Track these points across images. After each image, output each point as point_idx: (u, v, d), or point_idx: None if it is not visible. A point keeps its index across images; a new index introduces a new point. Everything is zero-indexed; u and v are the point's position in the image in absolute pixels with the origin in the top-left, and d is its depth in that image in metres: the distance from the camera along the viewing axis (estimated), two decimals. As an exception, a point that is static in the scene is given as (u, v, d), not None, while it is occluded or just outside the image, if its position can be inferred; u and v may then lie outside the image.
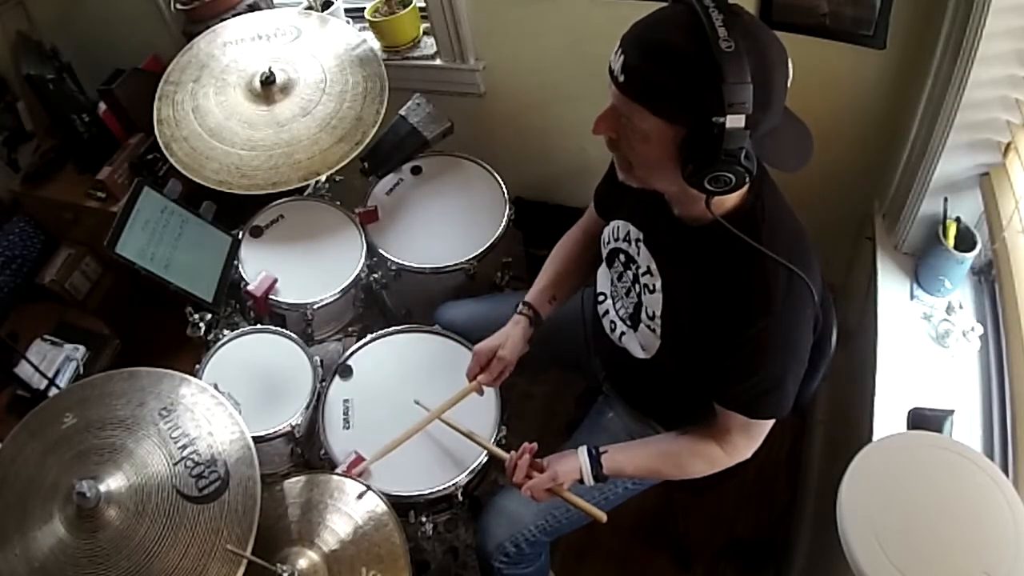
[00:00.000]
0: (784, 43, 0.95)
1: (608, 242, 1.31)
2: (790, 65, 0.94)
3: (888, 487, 1.06)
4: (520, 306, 1.43)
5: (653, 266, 1.18)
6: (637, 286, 1.23)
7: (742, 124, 0.87)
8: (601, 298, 1.35)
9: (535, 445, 1.28)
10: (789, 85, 0.95)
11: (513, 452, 1.28)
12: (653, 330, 1.20)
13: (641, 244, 1.21)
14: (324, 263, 1.77)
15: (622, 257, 1.27)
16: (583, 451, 1.24)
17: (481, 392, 1.44)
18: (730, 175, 0.92)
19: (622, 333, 1.29)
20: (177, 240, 1.64)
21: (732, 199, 1.05)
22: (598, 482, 1.24)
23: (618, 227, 1.27)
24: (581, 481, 1.24)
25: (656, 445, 1.29)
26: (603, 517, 1.25)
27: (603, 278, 1.35)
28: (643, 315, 1.22)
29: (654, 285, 1.18)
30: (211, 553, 1.14)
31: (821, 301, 1.10)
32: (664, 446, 1.27)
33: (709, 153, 0.90)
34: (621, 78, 0.94)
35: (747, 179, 0.93)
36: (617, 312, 1.30)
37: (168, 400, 1.29)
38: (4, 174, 2.40)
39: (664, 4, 0.95)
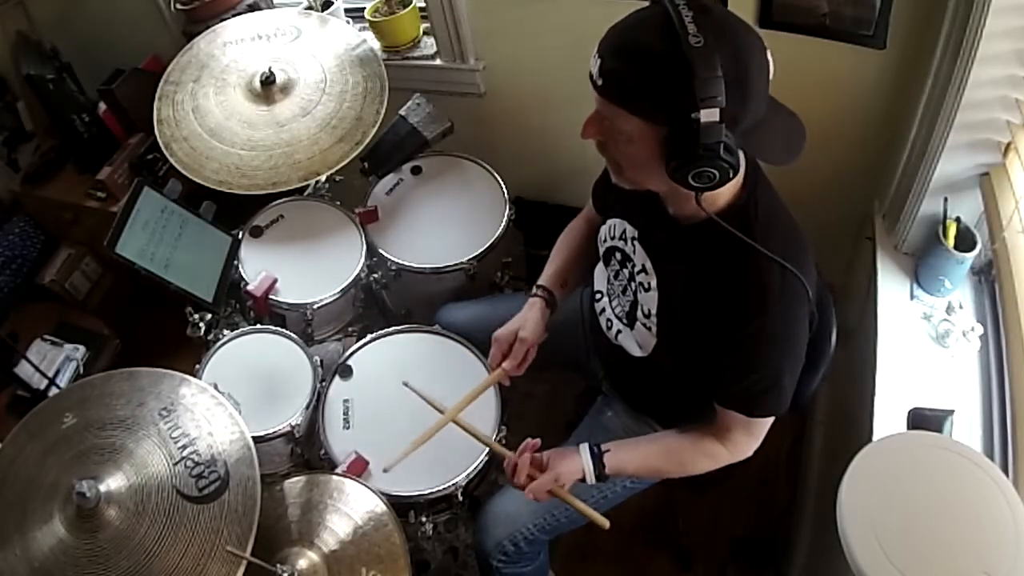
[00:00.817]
0: (784, 43, 0.96)
1: (605, 240, 1.31)
2: (770, 57, 0.94)
3: (888, 487, 1.06)
4: (535, 289, 1.42)
5: (648, 264, 1.19)
6: (633, 284, 1.23)
7: (717, 118, 0.88)
8: (598, 296, 1.35)
9: (537, 441, 1.27)
10: (771, 78, 0.95)
11: (513, 453, 1.27)
12: (649, 328, 1.20)
13: (636, 242, 1.21)
14: (324, 263, 1.77)
15: (618, 255, 1.27)
16: (585, 449, 1.24)
17: (507, 381, 1.38)
18: (712, 170, 0.92)
19: (618, 331, 1.29)
20: (177, 240, 1.64)
21: (725, 196, 1.05)
22: (600, 481, 1.24)
23: (614, 225, 1.28)
24: (583, 480, 1.24)
25: (658, 443, 1.28)
26: (606, 524, 1.22)
27: (599, 276, 1.35)
28: (639, 313, 1.22)
29: (649, 283, 1.18)
30: (211, 553, 1.14)
31: (819, 300, 1.10)
32: (666, 444, 1.27)
33: (689, 149, 0.91)
34: (599, 82, 0.95)
35: (731, 174, 0.93)
36: (613, 310, 1.30)
37: (168, 400, 1.29)
38: (4, 174, 2.40)
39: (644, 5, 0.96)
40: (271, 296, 1.70)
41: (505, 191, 1.88)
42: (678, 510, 1.90)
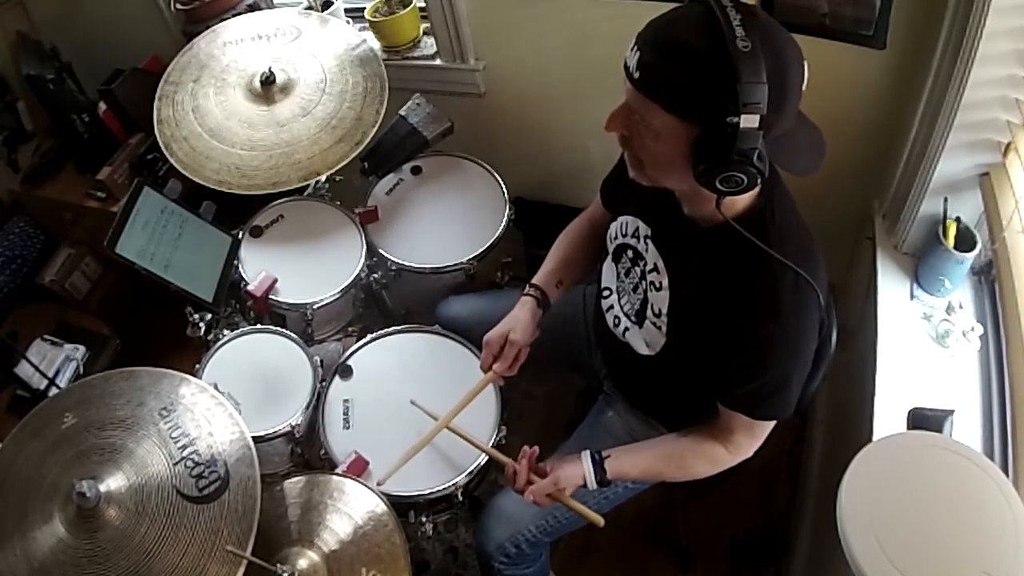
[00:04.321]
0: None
1: (616, 237, 1.30)
2: (805, 67, 0.94)
3: (888, 487, 1.05)
4: (527, 288, 1.41)
5: (660, 264, 1.18)
6: (644, 283, 1.23)
7: (756, 124, 0.87)
8: (606, 293, 1.35)
9: (536, 449, 1.27)
10: (804, 88, 0.95)
11: (512, 460, 1.27)
12: (659, 327, 1.20)
13: (649, 241, 1.21)
14: (324, 263, 1.77)
15: (630, 253, 1.27)
16: (586, 456, 1.24)
17: (501, 382, 1.40)
18: (742, 176, 0.91)
19: (626, 329, 1.29)
20: (177, 240, 1.64)
21: (743, 201, 1.05)
22: (601, 487, 1.24)
23: (626, 223, 1.27)
24: (584, 486, 1.24)
25: (659, 447, 1.28)
26: (600, 521, 1.24)
27: (608, 273, 1.35)
28: (649, 312, 1.22)
29: (661, 283, 1.18)
30: (211, 553, 1.14)
31: (826, 304, 1.10)
32: (667, 448, 1.27)
33: (721, 153, 0.90)
34: (636, 74, 0.94)
35: (759, 181, 0.93)
36: (622, 308, 1.30)
37: (168, 400, 1.29)
38: (4, 174, 2.40)
39: (677, 3, 0.95)
40: (271, 296, 1.70)
41: (505, 191, 1.88)
42: (678, 510, 1.90)
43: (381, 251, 1.79)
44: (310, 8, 2.00)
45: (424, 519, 1.50)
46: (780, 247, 1.02)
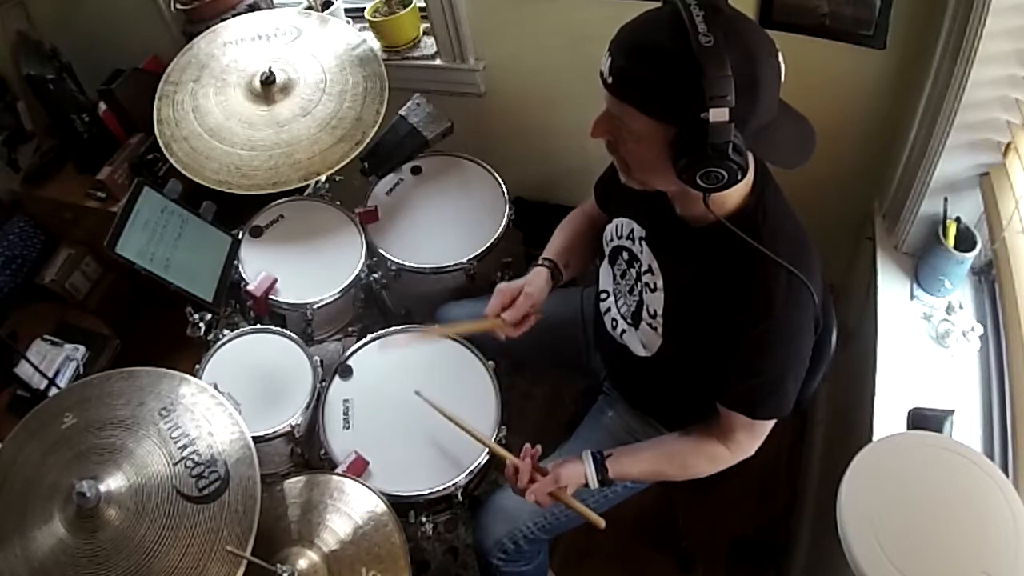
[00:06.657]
0: (784, 43, 0.95)
1: (611, 239, 1.30)
2: (780, 59, 0.94)
3: (888, 487, 1.05)
4: (540, 260, 1.41)
5: (655, 265, 1.19)
6: (639, 284, 1.23)
7: (726, 117, 0.87)
8: (603, 296, 1.35)
9: (538, 449, 1.27)
10: (782, 80, 0.95)
11: (515, 458, 1.27)
12: (655, 328, 1.20)
13: (644, 242, 1.21)
14: (324, 263, 1.77)
15: (625, 255, 1.27)
16: (587, 456, 1.24)
17: (503, 334, 1.33)
18: (721, 171, 0.91)
19: (623, 331, 1.29)
20: (177, 240, 1.64)
21: (733, 200, 1.05)
22: (603, 486, 1.24)
23: (621, 225, 1.27)
24: (586, 486, 1.24)
25: (660, 447, 1.28)
26: (601, 523, 1.24)
27: (605, 276, 1.35)
28: (644, 313, 1.22)
29: (655, 284, 1.18)
30: (211, 553, 1.14)
31: (822, 302, 1.10)
32: (668, 447, 1.27)
33: (697, 149, 0.90)
34: (609, 80, 0.95)
35: (740, 175, 0.92)
36: (619, 310, 1.30)
37: (168, 400, 1.29)
38: (4, 174, 2.39)
39: (655, 5, 0.96)
40: (271, 296, 1.70)
41: (505, 191, 1.88)
42: (678, 510, 1.90)
43: (381, 251, 1.79)
44: (310, 8, 2.00)
45: (424, 519, 1.50)
46: (772, 245, 1.02)
